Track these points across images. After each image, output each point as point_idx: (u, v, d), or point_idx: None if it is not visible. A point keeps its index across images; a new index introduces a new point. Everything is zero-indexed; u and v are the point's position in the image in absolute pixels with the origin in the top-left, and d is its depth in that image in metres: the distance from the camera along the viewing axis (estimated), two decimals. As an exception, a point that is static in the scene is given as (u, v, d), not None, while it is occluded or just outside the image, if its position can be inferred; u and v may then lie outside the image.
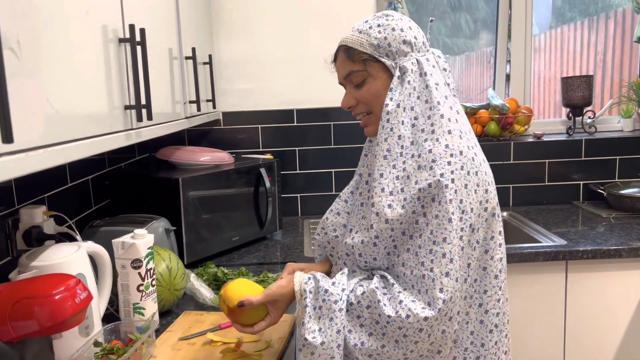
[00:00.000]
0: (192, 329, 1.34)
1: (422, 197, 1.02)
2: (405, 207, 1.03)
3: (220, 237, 1.90)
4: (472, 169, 1.04)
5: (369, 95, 1.12)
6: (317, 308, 1.04)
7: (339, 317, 1.02)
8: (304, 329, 1.03)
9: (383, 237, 1.05)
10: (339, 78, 1.17)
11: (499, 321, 1.10)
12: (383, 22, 1.11)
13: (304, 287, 1.07)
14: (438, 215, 1.00)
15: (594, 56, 3.27)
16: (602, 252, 1.89)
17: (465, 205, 1.02)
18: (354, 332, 1.03)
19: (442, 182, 1.00)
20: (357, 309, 1.04)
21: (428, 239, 1.01)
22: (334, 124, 2.44)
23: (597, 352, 1.97)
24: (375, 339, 1.02)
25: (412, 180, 1.03)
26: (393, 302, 1.00)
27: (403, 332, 0.99)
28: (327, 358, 1.01)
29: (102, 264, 1.28)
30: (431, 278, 0.99)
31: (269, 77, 2.41)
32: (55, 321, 0.90)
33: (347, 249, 1.11)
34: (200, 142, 2.42)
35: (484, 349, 1.09)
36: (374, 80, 1.11)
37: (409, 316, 0.98)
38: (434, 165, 1.02)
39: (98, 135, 1.01)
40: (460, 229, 1.01)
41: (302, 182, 2.49)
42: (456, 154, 1.03)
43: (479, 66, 3.92)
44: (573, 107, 2.55)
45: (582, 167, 2.51)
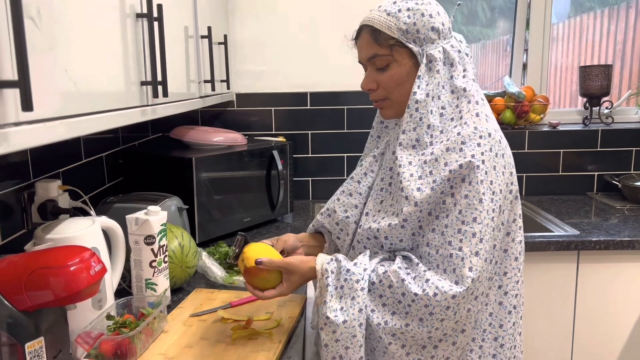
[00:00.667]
0: (203, 306, 1.35)
1: (452, 178, 1.02)
2: (434, 189, 1.03)
3: (232, 218, 1.91)
4: (499, 151, 1.05)
5: (392, 82, 1.10)
6: (338, 287, 1.04)
7: (360, 296, 1.02)
8: (326, 308, 1.02)
9: (411, 219, 1.05)
10: (361, 58, 1.14)
11: (517, 303, 1.11)
12: (412, 5, 1.08)
13: (325, 266, 1.07)
14: (468, 196, 1.01)
15: (613, 46, 3.21)
16: (614, 243, 1.87)
17: (495, 186, 1.03)
18: (377, 311, 1.03)
19: (473, 162, 1.01)
20: (379, 288, 1.04)
21: (456, 218, 1.01)
22: (347, 108, 2.43)
23: (606, 343, 1.96)
24: (399, 317, 1.02)
25: (441, 162, 1.03)
26: (419, 281, 1.00)
27: (429, 310, 0.99)
28: (349, 336, 1.01)
29: (115, 239, 1.29)
30: (460, 257, 1.00)
31: (283, 60, 2.40)
32: (70, 292, 0.91)
33: (371, 233, 1.10)
34: (213, 123, 2.42)
35: (502, 330, 1.10)
36: (398, 66, 1.09)
37: (437, 294, 0.98)
38: (464, 147, 1.02)
39: (114, 109, 1.01)
40: (492, 210, 1.02)
41: (313, 166, 2.48)
42: (485, 136, 1.04)
43: (495, 54, 3.87)
44: (590, 97, 2.51)
45: (597, 158, 2.48)
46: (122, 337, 1.08)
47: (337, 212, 1.20)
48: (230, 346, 1.16)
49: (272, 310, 1.33)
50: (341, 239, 1.20)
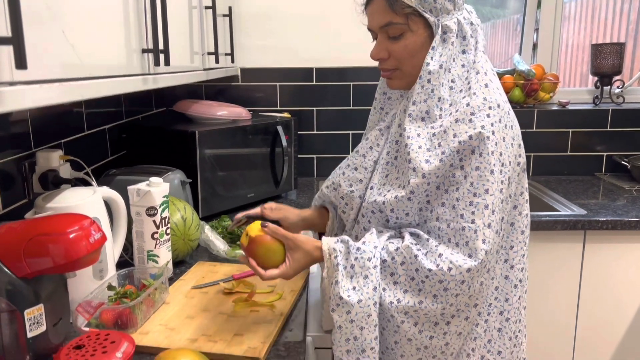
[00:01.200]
0: (205, 279, 1.35)
1: (461, 149, 0.99)
2: (443, 160, 1.00)
3: (236, 193, 1.89)
4: (508, 123, 1.03)
5: (405, 52, 1.06)
6: (348, 267, 1.01)
7: (374, 275, 1.00)
8: (338, 288, 0.99)
9: (418, 192, 1.02)
10: (372, 25, 1.09)
11: (523, 276, 1.10)
12: None
13: (332, 246, 1.04)
14: (479, 167, 0.98)
15: (626, 25, 3.15)
16: (622, 223, 1.85)
17: (504, 158, 1.01)
18: (388, 289, 1.01)
19: (483, 133, 0.98)
20: (390, 266, 1.01)
21: (467, 191, 0.99)
22: (353, 85, 2.39)
23: (611, 322, 1.95)
24: (412, 295, 1.00)
25: (450, 133, 1.01)
26: (431, 256, 0.98)
27: (444, 286, 0.98)
28: (364, 316, 0.98)
29: (116, 210, 1.28)
30: (473, 229, 0.98)
31: (289, 34, 2.36)
32: (69, 259, 0.90)
33: (376, 206, 1.08)
34: (217, 98, 2.40)
35: (507, 303, 1.09)
36: (413, 36, 1.05)
37: (451, 268, 0.96)
38: (474, 118, 1.00)
39: (114, 75, 0.99)
40: (501, 181, 1.00)
41: (318, 143, 2.46)
42: (494, 107, 1.01)
43: (505, 34, 3.80)
44: (601, 76, 2.47)
45: (606, 138, 2.44)
46: (123, 307, 1.07)
47: (342, 186, 1.17)
48: (232, 318, 1.15)
49: (274, 283, 1.33)
50: (346, 213, 1.18)
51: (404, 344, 1.03)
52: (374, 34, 1.11)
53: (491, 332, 1.08)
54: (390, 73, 1.11)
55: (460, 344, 1.05)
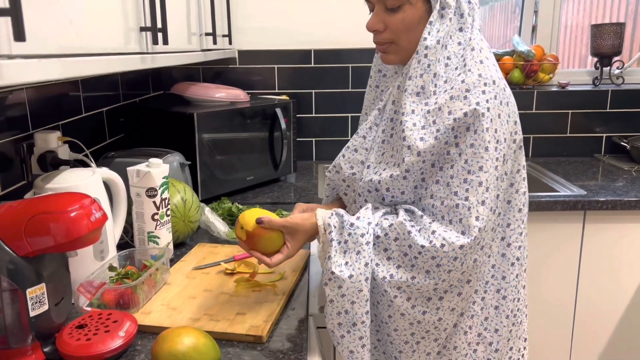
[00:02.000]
0: (206, 260, 1.35)
1: (456, 127, 0.99)
2: (438, 138, 1.00)
3: (235, 176, 1.88)
4: (504, 99, 1.02)
5: (402, 25, 1.04)
6: (342, 242, 1.02)
7: (366, 250, 1.00)
8: (331, 263, 1.00)
9: (414, 170, 1.02)
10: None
11: (521, 255, 1.10)
12: None
13: (327, 221, 1.04)
14: (474, 144, 0.98)
15: (626, 5, 3.13)
16: (622, 203, 1.85)
17: (499, 135, 1.00)
18: (381, 265, 1.01)
19: (478, 110, 0.97)
20: (384, 241, 1.02)
21: (462, 168, 0.99)
22: (352, 67, 2.38)
23: (610, 302, 1.96)
24: (405, 270, 1.00)
25: (445, 111, 1.00)
26: (424, 233, 0.99)
27: (436, 262, 0.98)
28: (355, 291, 0.99)
29: (116, 191, 1.27)
30: (466, 207, 0.98)
31: (286, 16, 2.33)
32: (70, 237, 0.89)
33: (372, 185, 1.07)
34: (215, 81, 2.38)
35: (504, 282, 1.09)
36: (410, 9, 1.03)
37: (444, 245, 0.96)
38: (469, 95, 0.99)
39: (113, 53, 0.98)
40: (496, 158, 0.99)
41: (317, 126, 2.45)
42: (489, 83, 1.00)
43: (503, 16, 3.78)
44: (601, 57, 2.45)
45: (606, 119, 2.44)
46: (124, 287, 1.07)
47: (343, 169, 1.16)
48: (234, 297, 1.15)
49: (275, 264, 1.32)
50: (347, 195, 1.18)
51: (397, 318, 1.03)
52: (370, 4, 1.09)
53: (488, 310, 1.08)
54: (385, 47, 1.09)
55: (454, 320, 1.05)
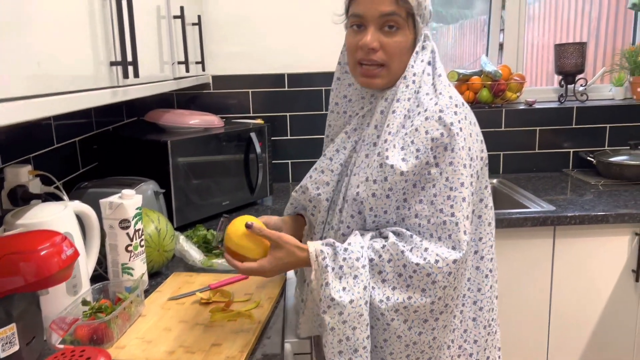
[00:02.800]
0: (181, 290, 1.35)
1: (434, 147, 1.03)
2: (419, 158, 1.03)
3: (211, 202, 1.89)
4: (472, 120, 1.09)
5: (396, 48, 1.07)
6: (336, 268, 1.02)
7: (363, 274, 1.01)
8: (329, 289, 1.00)
9: (396, 189, 1.05)
10: (371, 12, 1.06)
11: (492, 266, 1.14)
12: None
13: (319, 248, 1.04)
14: (453, 162, 1.03)
15: (588, 24, 3.24)
16: (589, 217, 1.90)
17: (472, 152, 1.06)
18: (377, 288, 1.02)
19: (453, 130, 1.03)
20: (378, 264, 1.03)
21: (444, 186, 1.03)
22: (325, 89, 2.41)
23: (583, 314, 2.00)
24: (400, 291, 1.01)
25: (422, 131, 1.04)
26: (417, 251, 1.01)
27: (432, 279, 1.00)
28: (356, 316, 0.99)
29: (89, 223, 1.27)
30: (454, 222, 1.01)
31: (260, 41, 2.36)
32: (41, 276, 0.89)
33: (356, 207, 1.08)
34: (190, 106, 2.39)
35: (480, 293, 1.13)
36: (406, 35, 1.09)
37: (438, 261, 0.99)
38: (442, 115, 1.04)
39: (82, 90, 0.98)
40: (471, 175, 1.05)
41: (293, 148, 2.47)
42: (459, 105, 1.07)
43: (472, 34, 3.87)
44: (565, 75, 2.54)
45: (572, 135, 2.51)
46: (98, 322, 1.07)
47: (309, 189, 1.18)
48: (209, 328, 1.15)
49: (251, 291, 1.33)
50: (314, 216, 1.20)
51: (393, 341, 1.04)
52: (358, 20, 1.08)
53: (466, 322, 1.11)
54: (377, 71, 1.09)
55: (446, 337, 1.08)
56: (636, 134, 2.51)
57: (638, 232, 1.93)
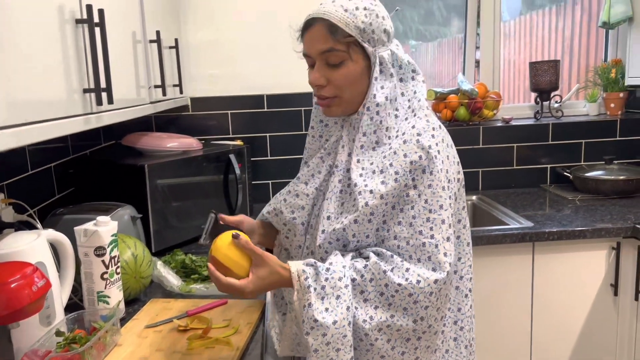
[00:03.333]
0: (159, 317, 1.33)
1: (412, 169, 1.04)
2: (398, 180, 1.04)
3: (190, 224, 1.87)
4: (448, 142, 1.11)
5: (345, 80, 1.08)
6: (319, 288, 1.01)
7: (346, 294, 1.00)
8: (312, 310, 0.99)
9: (377, 212, 1.05)
10: (312, 51, 1.09)
11: (471, 286, 1.16)
12: (368, 5, 1.08)
13: (301, 268, 1.03)
14: (431, 185, 1.03)
15: (562, 42, 3.31)
16: (567, 233, 1.92)
17: (450, 175, 1.07)
18: (360, 308, 1.02)
19: (431, 153, 1.04)
20: (360, 284, 1.02)
21: (423, 208, 1.03)
22: (304, 110, 2.42)
23: (564, 329, 2.01)
24: (383, 310, 1.01)
25: (400, 154, 1.05)
26: (399, 271, 1.01)
27: (413, 299, 1.00)
28: (340, 337, 0.98)
29: (63, 252, 1.25)
30: (433, 244, 1.02)
31: (238, 62, 2.37)
32: (11, 309, 0.87)
33: (335, 235, 1.08)
34: (169, 128, 2.38)
35: (460, 313, 1.13)
36: (353, 65, 1.08)
37: (420, 281, 0.99)
38: (420, 139, 1.05)
39: (54, 119, 0.98)
40: (449, 197, 1.06)
41: (273, 168, 2.47)
42: (437, 128, 1.09)
43: (451, 52, 3.94)
44: (541, 92, 2.58)
45: (549, 151, 2.55)
46: (71, 354, 1.04)
47: (283, 213, 1.18)
48: (187, 356, 1.13)
49: (230, 317, 1.32)
50: (289, 239, 1.20)
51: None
52: (310, 59, 1.12)
53: (448, 342, 1.12)
54: (329, 100, 1.11)
55: (429, 357, 1.07)
56: (610, 149, 2.56)
57: (615, 247, 1.95)
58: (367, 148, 1.08)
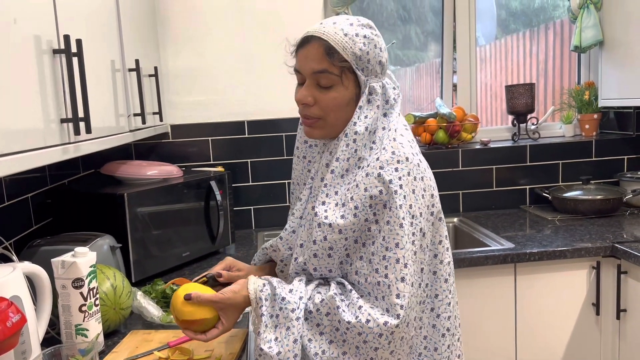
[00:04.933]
0: (139, 349, 1.30)
1: (373, 204, 1.02)
2: (357, 215, 1.02)
3: (170, 253, 1.85)
4: (417, 175, 1.06)
5: (333, 104, 1.07)
6: (273, 316, 1.02)
7: (296, 327, 1.00)
8: (260, 339, 1.01)
9: (337, 247, 1.04)
10: (305, 69, 1.08)
11: (451, 325, 1.12)
12: (368, 34, 1.07)
13: (259, 295, 1.04)
14: (389, 222, 1.00)
15: (536, 65, 3.39)
16: (547, 253, 1.94)
17: (415, 210, 1.03)
18: (314, 340, 1.01)
19: (391, 188, 1.01)
20: (316, 317, 1.02)
21: (381, 245, 1.01)
22: (286, 135, 2.43)
23: (548, 349, 2.02)
24: (336, 346, 1.01)
25: (362, 187, 1.03)
26: (352, 308, 1.00)
27: (363, 338, 0.98)
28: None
29: (40, 284, 1.22)
30: (386, 284, 0.99)
31: (218, 89, 2.38)
32: (-16, 347, 0.85)
33: (300, 267, 1.09)
34: (149, 156, 2.37)
35: (437, 353, 1.10)
36: (343, 90, 1.07)
37: (369, 321, 0.98)
38: (382, 172, 1.02)
39: (31, 149, 0.97)
40: (412, 233, 1.02)
41: (255, 194, 2.46)
42: (402, 160, 1.04)
43: (429, 77, 4.01)
44: (517, 114, 2.63)
45: (527, 172, 2.59)
46: (48, 391, 1.01)
47: (281, 251, 1.19)
48: (168, 389, 1.11)
49: (212, 347, 1.29)
50: (284, 272, 1.20)
51: None
52: (300, 76, 1.10)
53: None
54: (313, 122, 1.11)
55: None
56: (587, 169, 2.61)
57: (595, 266, 1.97)
58: (337, 175, 1.06)
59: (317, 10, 2.39)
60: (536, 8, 3.13)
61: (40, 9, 1.04)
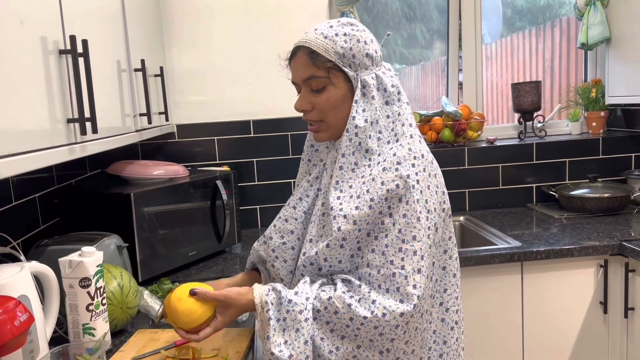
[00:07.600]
0: (146, 348, 1.30)
1: (389, 197, 1.03)
2: (372, 207, 1.04)
3: (177, 252, 1.86)
4: (431, 172, 1.09)
5: (328, 104, 1.11)
6: (281, 320, 1.02)
7: (305, 328, 1.01)
8: (269, 343, 1.00)
9: (350, 238, 1.05)
10: (296, 79, 1.15)
11: (458, 318, 1.14)
12: (349, 31, 1.10)
13: (264, 298, 1.05)
14: (406, 215, 1.02)
15: (542, 63, 3.38)
16: (554, 252, 1.93)
17: (430, 205, 1.05)
18: (326, 339, 1.02)
19: (409, 182, 1.03)
20: (325, 315, 1.02)
21: (396, 237, 1.02)
22: (291, 134, 2.43)
23: (555, 348, 2.01)
24: (349, 340, 1.01)
25: (378, 181, 1.05)
26: (365, 303, 1.00)
27: (379, 331, 0.99)
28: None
29: (47, 284, 1.23)
30: (403, 275, 1.00)
31: (223, 89, 2.38)
32: (-7, 346, 0.85)
33: (308, 261, 1.09)
34: (155, 156, 2.37)
35: (446, 346, 1.11)
36: (334, 89, 1.11)
37: (385, 314, 0.98)
38: (400, 167, 1.05)
39: (38, 149, 0.97)
40: (428, 227, 1.04)
41: (260, 193, 2.46)
42: (419, 157, 1.07)
43: (434, 75, 4.00)
44: (523, 112, 2.62)
45: (534, 170, 2.58)
46: (55, 389, 1.02)
47: (273, 239, 1.19)
48: (175, 388, 1.11)
49: (218, 346, 1.29)
50: (276, 267, 1.19)
51: None
52: (297, 87, 1.16)
53: None
54: (317, 126, 1.15)
55: None
56: (594, 167, 2.59)
57: (602, 264, 1.96)
58: (347, 170, 1.09)
59: (323, 9, 2.39)
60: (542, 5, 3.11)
61: (46, 10, 1.05)
